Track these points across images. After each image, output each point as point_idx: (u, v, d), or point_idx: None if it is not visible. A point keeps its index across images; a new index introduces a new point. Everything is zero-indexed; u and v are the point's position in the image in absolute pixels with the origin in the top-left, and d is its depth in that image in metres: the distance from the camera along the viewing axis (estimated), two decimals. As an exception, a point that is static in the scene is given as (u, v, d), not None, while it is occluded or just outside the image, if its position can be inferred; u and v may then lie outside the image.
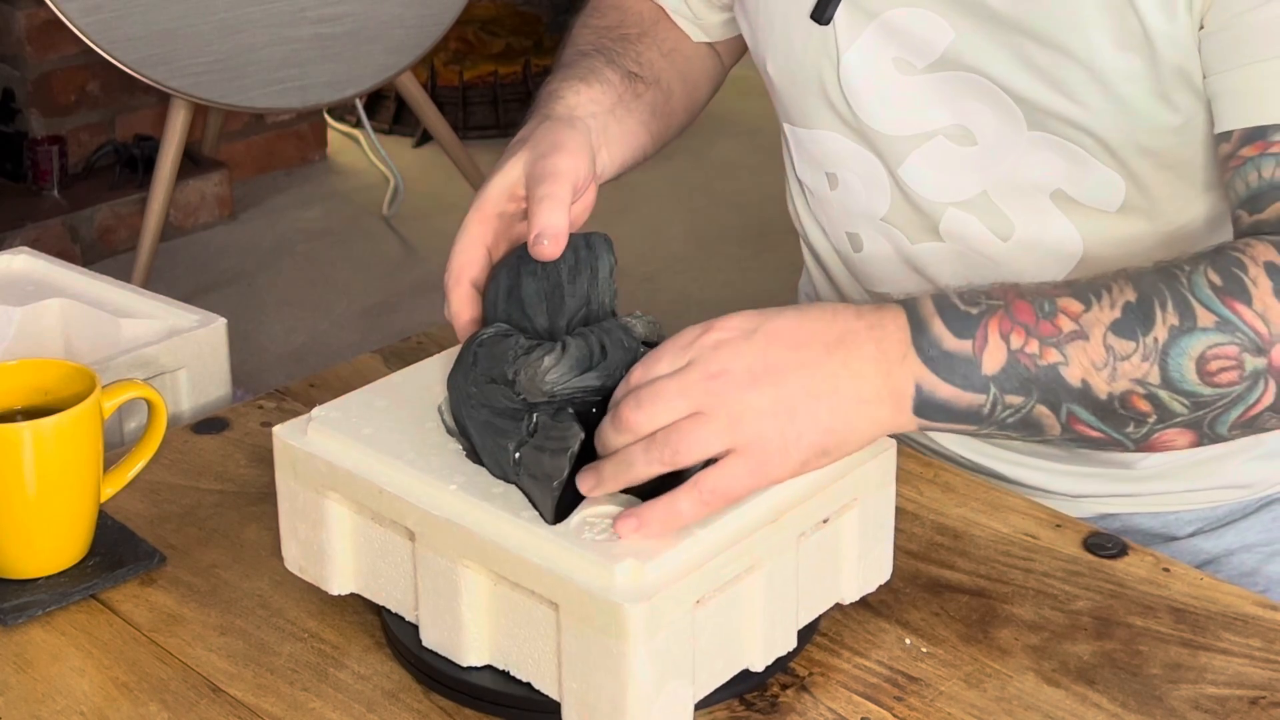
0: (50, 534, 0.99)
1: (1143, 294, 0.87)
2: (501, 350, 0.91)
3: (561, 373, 0.88)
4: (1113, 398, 0.86)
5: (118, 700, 0.90)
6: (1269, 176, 0.91)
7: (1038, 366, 0.86)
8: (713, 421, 0.83)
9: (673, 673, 0.82)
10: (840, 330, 0.86)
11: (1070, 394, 0.86)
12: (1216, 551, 1.20)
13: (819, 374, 0.85)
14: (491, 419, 0.89)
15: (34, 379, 1.01)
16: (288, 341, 3.05)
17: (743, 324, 0.87)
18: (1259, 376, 0.86)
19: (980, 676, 0.91)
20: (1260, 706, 0.89)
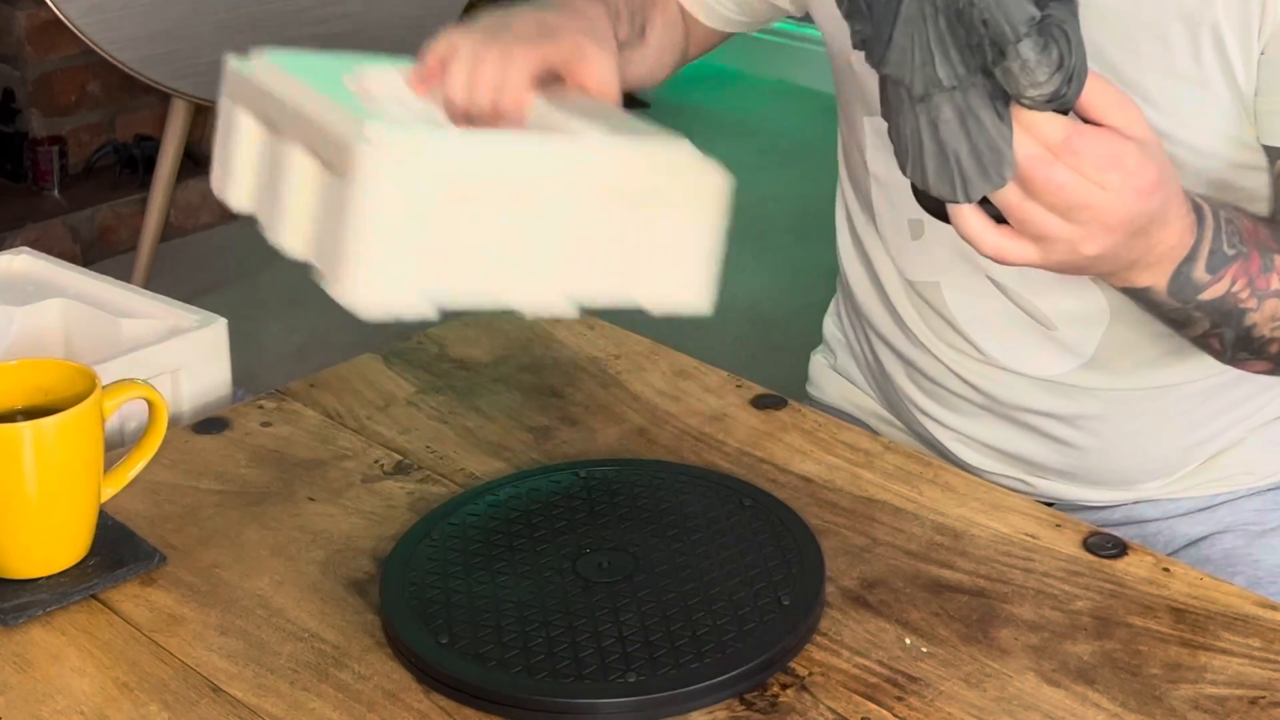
0: (50, 534, 0.99)
1: None
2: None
3: (1044, 90, 0.82)
4: (1264, 339, 1.01)
5: (118, 700, 0.90)
6: None
7: (1237, 305, 0.99)
8: (1073, 231, 0.87)
9: (404, 241, 0.84)
10: (1172, 226, 0.93)
11: (1238, 329, 1.00)
12: (1205, 531, 1.22)
13: (1124, 253, 0.92)
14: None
15: (34, 379, 1.01)
16: (288, 341, 3.04)
17: (1156, 200, 0.90)
18: None
19: (980, 676, 0.91)
20: (1260, 706, 0.89)
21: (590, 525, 1.02)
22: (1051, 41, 0.81)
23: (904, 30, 0.81)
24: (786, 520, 1.02)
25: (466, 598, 0.95)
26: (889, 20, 0.82)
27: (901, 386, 1.28)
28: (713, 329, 3.05)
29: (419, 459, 1.14)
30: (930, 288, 1.21)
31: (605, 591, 0.95)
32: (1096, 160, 0.85)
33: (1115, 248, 0.90)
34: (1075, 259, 0.89)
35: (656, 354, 1.28)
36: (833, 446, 1.15)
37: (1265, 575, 1.18)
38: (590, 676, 0.89)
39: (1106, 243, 0.89)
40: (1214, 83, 1.05)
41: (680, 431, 1.17)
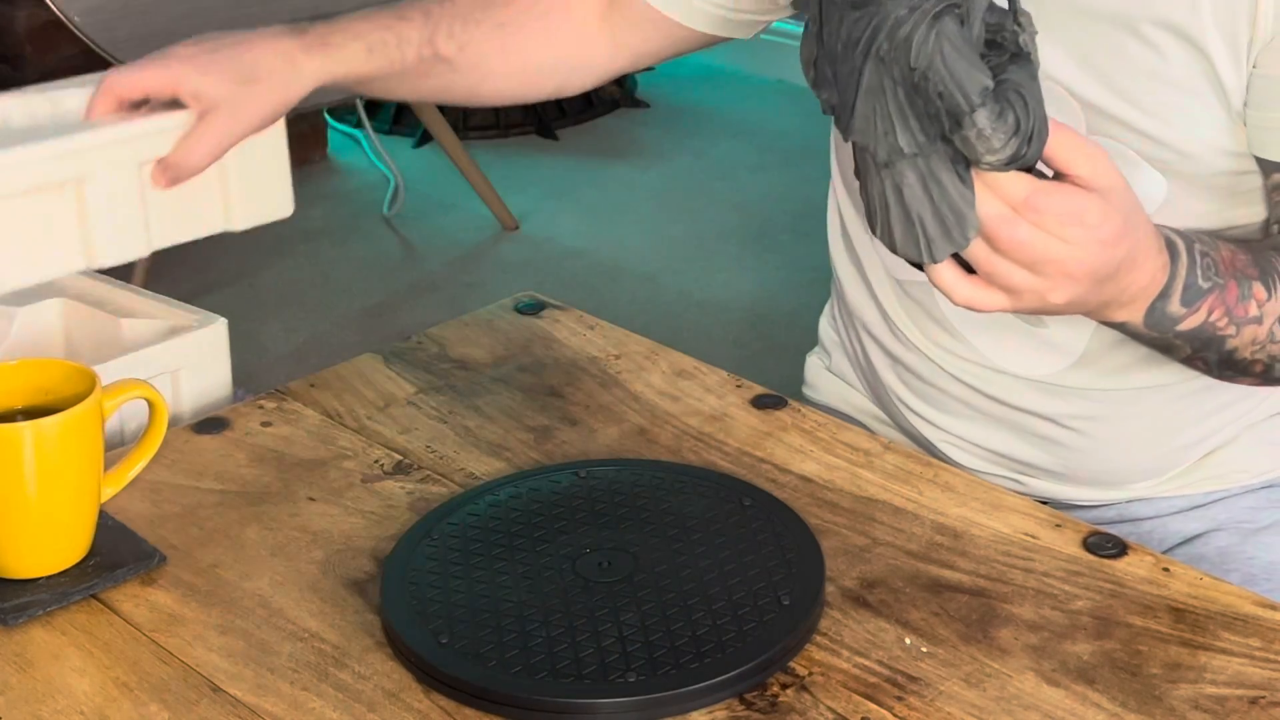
0: (50, 534, 0.99)
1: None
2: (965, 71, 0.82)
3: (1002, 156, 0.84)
4: (1244, 361, 1.04)
5: (118, 700, 0.90)
6: None
7: (1215, 333, 1.02)
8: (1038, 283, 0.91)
9: None
10: (1132, 272, 0.95)
11: (1219, 353, 1.04)
12: (1199, 529, 1.22)
13: (1096, 297, 0.95)
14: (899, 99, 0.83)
15: (34, 379, 1.01)
16: (288, 341, 3.04)
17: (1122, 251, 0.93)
18: None
19: (980, 676, 0.91)
20: (1260, 706, 0.89)
21: (590, 525, 1.02)
22: (1007, 107, 0.83)
23: (866, 100, 0.84)
24: (786, 520, 1.02)
25: (466, 598, 0.95)
26: (852, 90, 0.84)
27: (891, 386, 1.28)
28: (712, 329, 3.07)
29: (419, 459, 1.14)
30: (920, 287, 1.21)
31: (605, 591, 0.96)
32: (1058, 216, 0.88)
33: (1084, 295, 0.93)
34: (1045, 307, 0.92)
35: (656, 354, 1.28)
36: (833, 446, 1.15)
37: (1260, 572, 1.18)
38: (590, 676, 0.89)
39: (1073, 291, 0.92)
40: (1203, 91, 1.06)
41: (680, 431, 1.17)
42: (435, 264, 3.40)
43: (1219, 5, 1.03)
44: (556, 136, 4.03)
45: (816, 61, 0.87)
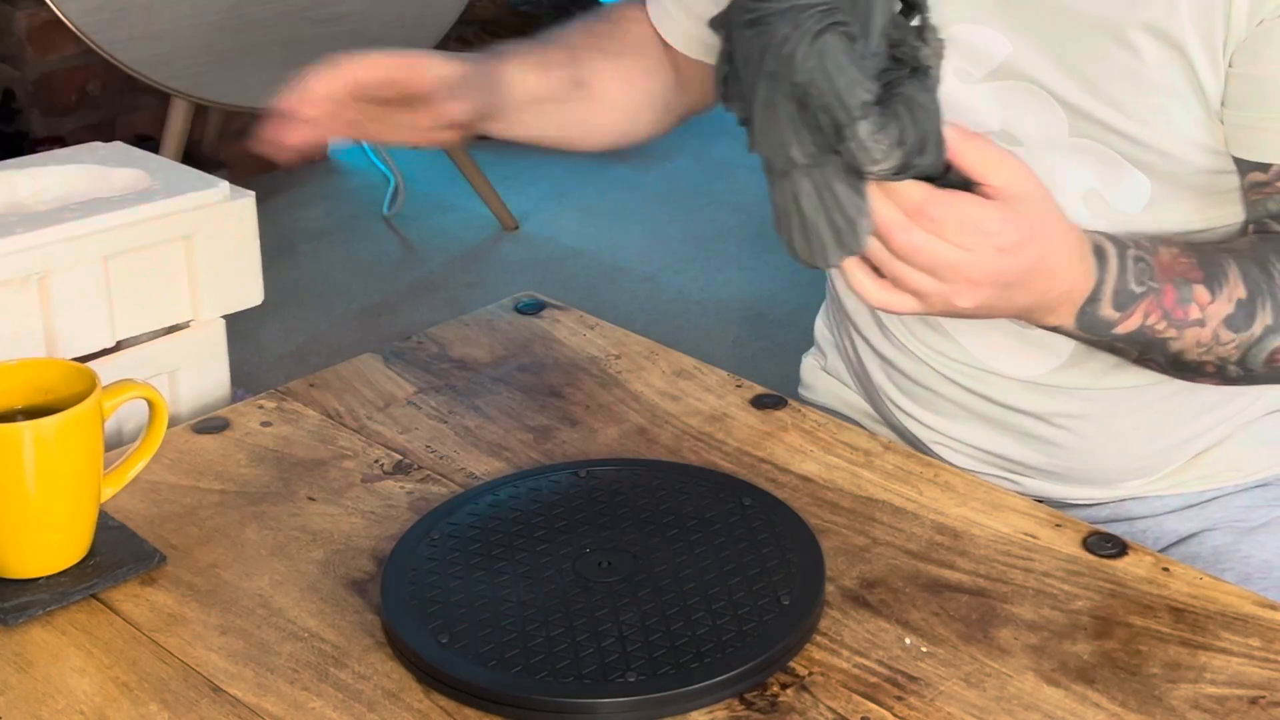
0: (50, 534, 0.99)
1: (1250, 293, 1.04)
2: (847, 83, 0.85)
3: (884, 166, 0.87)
4: (1195, 363, 1.06)
5: (118, 700, 0.90)
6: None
7: (1155, 336, 1.04)
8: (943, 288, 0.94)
9: None
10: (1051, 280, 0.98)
11: (1165, 355, 1.05)
12: (1195, 528, 1.23)
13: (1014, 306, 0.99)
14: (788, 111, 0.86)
15: (34, 379, 1.01)
16: (288, 341, 3.04)
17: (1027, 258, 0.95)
18: None
19: (980, 676, 0.91)
20: (1260, 706, 0.89)
21: (590, 525, 1.02)
22: (891, 120, 0.86)
23: (761, 114, 0.87)
24: (786, 520, 1.02)
25: (466, 598, 0.95)
26: (751, 105, 0.87)
27: (882, 387, 1.28)
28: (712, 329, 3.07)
29: (419, 459, 1.14)
30: None
31: (605, 591, 0.96)
32: (953, 224, 0.91)
33: (991, 300, 0.95)
34: (954, 310, 0.95)
35: (656, 354, 1.28)
36: (833, 446, 1.15)
37: (1255, 571, 1.18)
38: (590, 676, 0.89)
39: (978, 297, 0.94)
40: (1184, 92, 1.07)
41: (680, 431, 1.17)
42: (435, 264, 3.40)
43: (1195, 6, 1.04)
44: (556, 136, 4.02)
45: (727, 78, 0.89)
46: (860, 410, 1.35)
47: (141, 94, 3.50)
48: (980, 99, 1.14)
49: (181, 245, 1.25)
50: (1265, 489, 1.24)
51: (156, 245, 1.23)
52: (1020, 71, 1.11)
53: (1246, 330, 1.04)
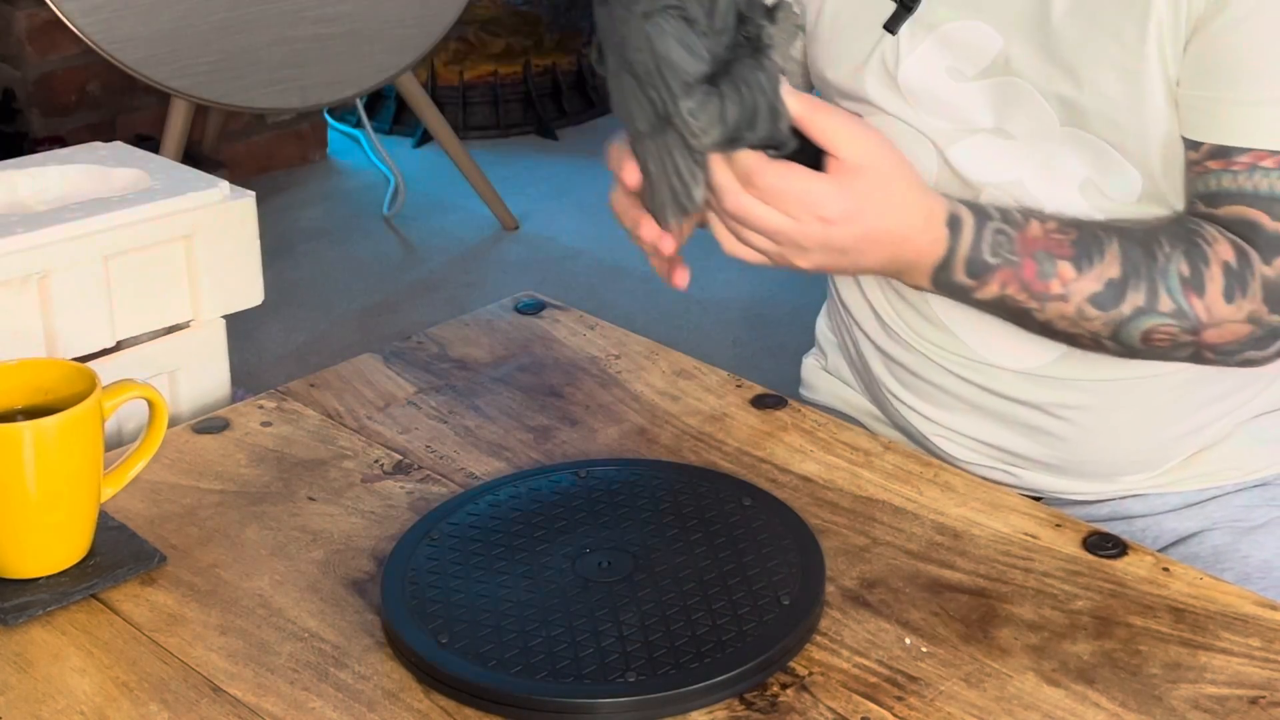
0: (50, 534, 0.99)
1: (1125, 272, 1.07)
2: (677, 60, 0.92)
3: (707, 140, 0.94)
4: (1066, 334, 1.10)
5: (118, 700, 0.90)
6: (1227, 186, 1.07)
7: (1018, 306, 1.08)
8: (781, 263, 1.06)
9: None
10: (896, 247, 1.05)
11: (1032, 324, 1.10)
12: (1194, 528, 1.23)
13: (861, 266, 1.07)
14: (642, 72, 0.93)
15: (34, 379, 1.01)
16: (288, 341, 3.04)
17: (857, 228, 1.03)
18: (1186, 346, 1.09)
19: (980, 676, 0.91)
20: (1260, 706, 0.89)
21: (590, 525, 1.02)
22: (715, 97, 0.93)
23: (613, 84, 0.95)
24: (786, 520, 1.02)
25: (466, 598, 0.95)
26: (607, 75, 0.96)
27: (883, 380, 1.28)
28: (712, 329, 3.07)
29: (419, 459, 1.14)
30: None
31: (605, 591, 0.96)
32: (778, 193, 0.99)
33: (827, 263, 1.04)
34: (797, 267, 1.05)
35: (656, 354, 1.28)
36: (833, 446, 1.15)
37: (1254, 570, 1.18)
38: (590, 676, 0.89)
39: (810, 260, 1.04)
40: (1156, 76, 1.08)
41: (680, 431, 1.17)
42: (435, 264, 3.40)
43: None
44: (556, 136, 4.03)
45: (601, 48, 0.97)
46: (861, 409, 1.35)
47: (141, 94, 3.50)
48: (972, 97, 1.15)
49: (181, 245, 1.25)
50: (1264, 488, 1.24)
51: (156, 245, 1.23)
52: (1010, 67, 1.13)
53: (1114, 309, 1.07)
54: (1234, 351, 1.10)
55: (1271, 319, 1.08)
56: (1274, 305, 1.07)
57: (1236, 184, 1.07)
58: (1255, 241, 1.07)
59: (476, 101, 4.06)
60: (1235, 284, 1.07)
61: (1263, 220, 1.06)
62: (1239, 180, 1.07)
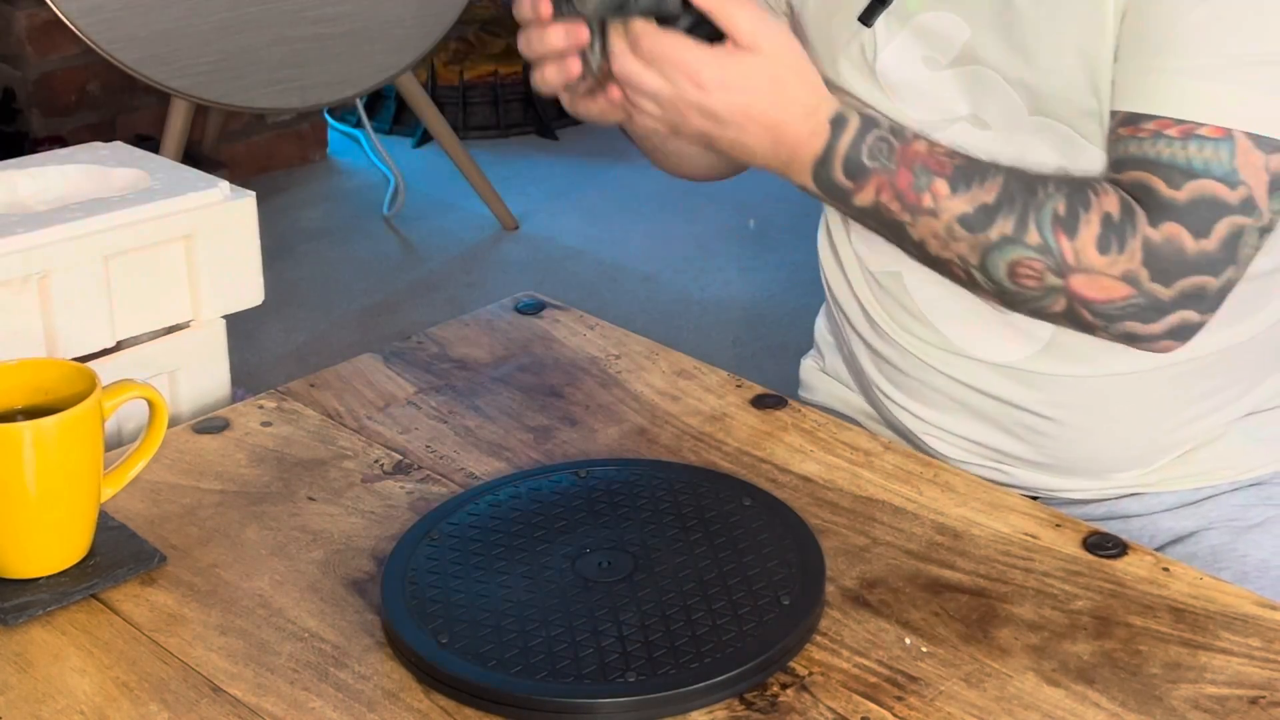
0: (51, 534, 0.99)
1: (999, 200, 1.07)
2: None
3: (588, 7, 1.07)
4: (939, 259, 1.11)
5: (118, 700, 0.90)
6: (1133, 152, 1.07)
7: (891, 218, 1.10)
8: (659, 113, 1.10)
9: None
10: (780, 126, 1.09)
11: (909, 243, 1.11)
12: (1191, 528, 1.23)
13: (744, 143, 1.10)
14: None
15: (34, 379, 1.01)
16: (288, 341, 3.04)
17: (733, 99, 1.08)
18: (1054, 291, 1.07)
19: (980, 676, 0.91)
20: (1260, 706, 0.89)
21: (590, 525, 1.02)
22: None
23: None
24: (786, 520, 1.02)
25: (466, 598, 0.95)
26: None
27: (874, 379, 1.29)
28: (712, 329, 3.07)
29: (419, 459, 1.14)
30: (892, 278, 1.23)
31: (605, 591, 0.96)
32: (658, 57, 1.06)
33: (707, 129, 1.09)
34: (682, 131, 1.10)
35: (656, 354, 1.28)
36: (833, 446, 1.15)
37: (1252, 570, 1.18)
38: (590, 676, 0.89)
39: (691, 124, 1.09)
40: (1112, 54, 1.08)
41: (680, 431, 1.17)
42: (435, 264, 3.40)
43: None
44: (556, 136, 4.03)
45: None
46: (859, 410, 1.35)
47: (141, 94, 3.50)
48: (948, 86, 1.16)
49: (181, 245, 1.25)
50: (1260, 487, 1.24)
51: (156, 245, 1.23)
52: (978, 56, 1.14)
53: (981, 233, 1.07)
54: (1113, 316, 1.07)
55: (1152, 286, 1.05)
56: (1156, 272, 1.05)
57: (1141, 150, 1.06)
58: (1147, 204, 1.05)
59: (476, 101, 4.06)
60: (1113, 235, 1.05)
61: (1158, 186, 1.05)
62: (1143, 147, 1.06)
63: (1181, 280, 1.05)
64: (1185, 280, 1.05)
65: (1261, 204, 1.04)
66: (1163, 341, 1.08)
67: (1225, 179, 1.03)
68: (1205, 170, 1.04)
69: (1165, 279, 1.05)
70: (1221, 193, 1.04)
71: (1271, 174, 1.04)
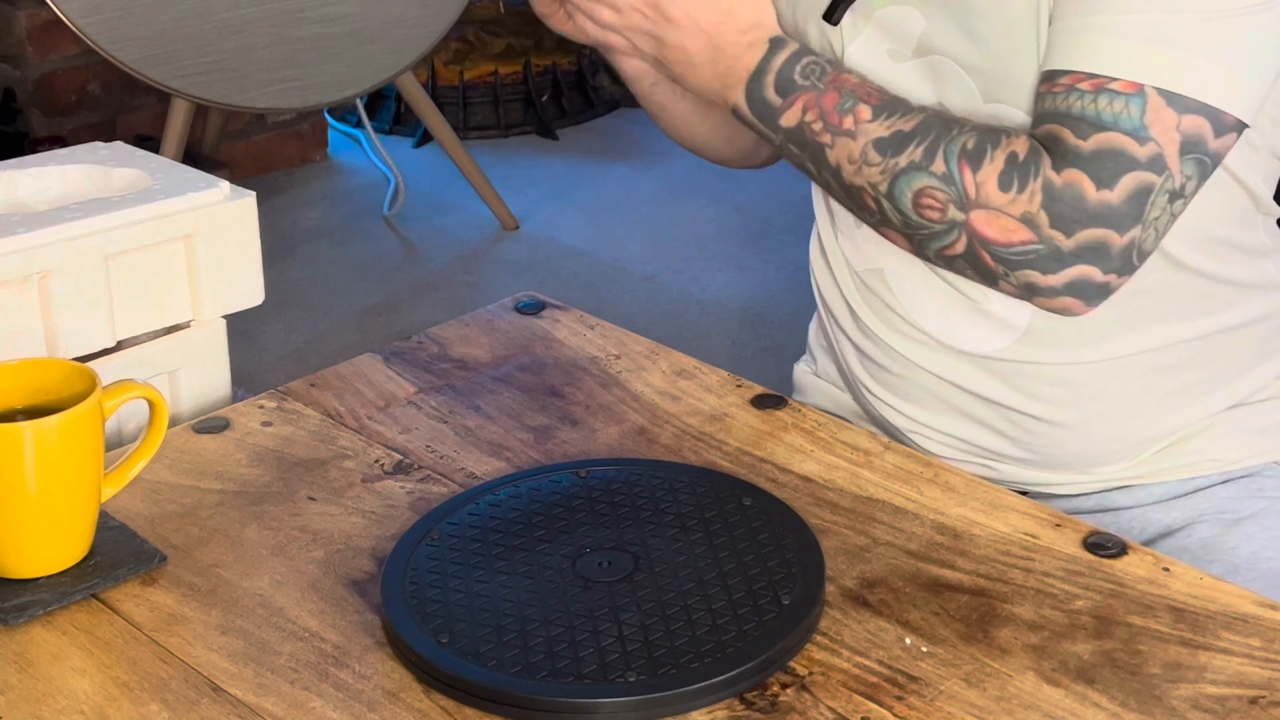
0: (51, 534, 0.99)
1: (915, 129, 1.10)
2: None
3: None
4: (853, 187, 1.13)
5: (118, 700, 0.90)
6: (1047, 107, 1.08)
7: (812, 139, 1.14)
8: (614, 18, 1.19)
9: None
10: (718, 39, 1.16)
11: (826, 169, 1.14)
12: (1181, 520, 1.23)
13: (685, 53, 1.18)
14: None
15: (34, 379, 1.01)
16: (288, 341, 3.04)
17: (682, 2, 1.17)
18: (956, 226, 1.08)
19: (980, 676, 0.91)
20: (1260, 706, 0.89)
21: (590, 525, 1.02)
22: None
23: None
24: (786, 520, 1.02)
25: (466, 598, 0.95)
26: None
27: (860, 378, 1.29)
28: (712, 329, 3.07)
29: (419, 459, 1.14)
30: (873, 276, 1.23)
31: (605, 591, 0.96)
32: None
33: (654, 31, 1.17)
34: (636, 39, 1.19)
35: (656, 354, 1.28)
36: (833, 446, 1.15)
37: (1242, 563, 1.18)
38: (590, 676, 0.89)
39: (642, 26, 1.17)
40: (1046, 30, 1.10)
41: (680, 431, 1.17)
42: (435, 264, 3.40)
43: None
44: (556, 136, 4.03)
45: None
46: (851, 412, 1.35)
47: (141, 94, 3.50)
48: (912, 77, 1.17)
49: (182, 245, 1.25)
50: (1250, 479, 1.24)
51: (157, 245, 1.23)
52: (935, 46, 1.15)
53: (893, 158, 1.09)
54: (1012, 261, 1.06)
55: (1051, 233, 1.04)
56: (1055, 217, 1.04)
57: (1054, 105, 1.06)
58: (1054, 151, 1.05)
59: (477, 101, 4.06)
60: (1015, 173, 1.05)
61: (1066, 136, 1.05)
62: (1056, 101, 1.06)
63: (1082, 231, 1.04)
64: (1086, 231, 1.04)
65: (1172, 165, 1.04)
66: (1063, 298, 1.07)
67: (1133, 133, 1.03)
68: (1114, 124, 1.03)
69: (1065, 226, 1.04)
70: (1129, 146, 1.03)
71: (1184, 134, 1.03)
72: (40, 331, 1.18)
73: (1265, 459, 1.25)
